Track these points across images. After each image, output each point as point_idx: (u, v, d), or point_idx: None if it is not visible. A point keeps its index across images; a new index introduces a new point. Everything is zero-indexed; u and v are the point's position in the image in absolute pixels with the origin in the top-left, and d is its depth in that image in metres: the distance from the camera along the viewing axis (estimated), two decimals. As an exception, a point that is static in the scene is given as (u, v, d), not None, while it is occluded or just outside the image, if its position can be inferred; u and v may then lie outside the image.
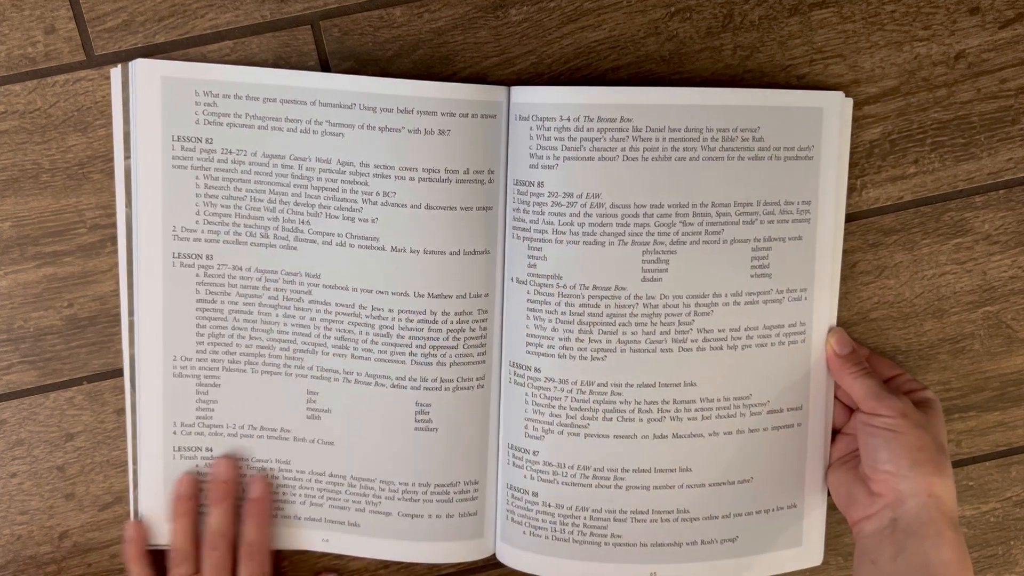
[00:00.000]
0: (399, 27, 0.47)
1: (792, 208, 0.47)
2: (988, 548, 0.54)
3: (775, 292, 0.47)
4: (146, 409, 0.48)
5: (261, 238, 0.47)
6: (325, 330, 0.47)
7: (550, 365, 0.47)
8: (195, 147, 0.46)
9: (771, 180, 0.47)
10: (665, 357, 0.47)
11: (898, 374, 0.50)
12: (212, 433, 0.49)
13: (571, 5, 0.47)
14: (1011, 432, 0.53)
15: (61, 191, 0.48)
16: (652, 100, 0.45)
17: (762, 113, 0.46)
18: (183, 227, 0.47)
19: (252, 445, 0.49)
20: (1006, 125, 0.50)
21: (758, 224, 0.47)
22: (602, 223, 0.45)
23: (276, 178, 0.46)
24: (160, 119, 0.46)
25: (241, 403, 0.48)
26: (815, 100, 0.47)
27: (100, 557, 0.51)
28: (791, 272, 0.48)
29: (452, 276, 0.46)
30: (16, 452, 0.50)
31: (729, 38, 0.48)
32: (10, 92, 0.47)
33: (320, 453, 0.49)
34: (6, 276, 0.49)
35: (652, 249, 0.46)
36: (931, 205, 0.50)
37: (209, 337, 0.48)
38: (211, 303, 0.47)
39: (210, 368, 0.48)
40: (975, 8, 0.48)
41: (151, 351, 0.48)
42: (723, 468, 0.49)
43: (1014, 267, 0.51)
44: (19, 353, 0.49)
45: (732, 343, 0.47)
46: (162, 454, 0.49)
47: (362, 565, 0.52)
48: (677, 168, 0.45)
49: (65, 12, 0.47)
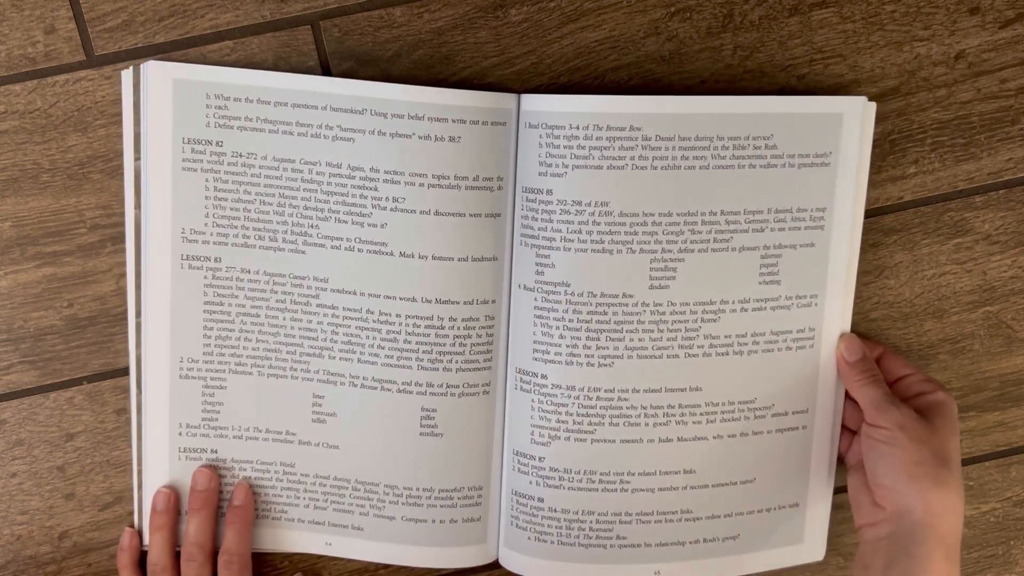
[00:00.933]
0: (399, 27, 0.47)
1: (805, 215, 0.47)
2: (988, 548, 0.54)
3: (784, 298, 0.47)
4: (152, 410, 0.48)
5: (270, 241, 0.47)
6: (332, 334, 0.47)
7: (557, 372, 0.47)
8: (205, 150, 0.46)
9: (784, 187, 0.46)
10: (672, 363, 0.47)
11: (909, 373, 0.49)
12: (217, 435, 0.49)
13: (571, 5, 0.47)
14: (1011, 432, 0.53)
15: (61, 191, 0.48)
16: (662, 109, 0.45)
17: (776, 120, 0.46)
18: (192, 229, 0.47)
19: (257, 447, 0.49)
20: (1006, 125, 0.50)
21: (768, 231, 0.47)
22: (610, 231, 0.45)
23: (286, 182, 0.46)
24: (171, 121, 0.46)
25: (247, 406, 0.48)
26: (834, 106, 0.46)
27: (100, 557, 0.51)
28: (802, 278, 0.47)
29: (459, 282, 0.46)
30: (16, 452, 0.50)
31: (729, 38, 0.48)
32: (10, 92, 0.47)
33: (325, 456, 0.49)
34: (6, 276, 0.49)
35: (660, 257, 0.46)
36: (931, 205, 0.50)
37: (216, 339, 0.48)
38: (219, 305, 0.47)
39: (216, 370, 0.48)
40: (975, 8, 0.48)
41: (158, 352, 0.48)
42: (727, 469, 0.49)
43: (1014, 267, 0.51)
44: (19, 353, 0.49)
45: (739, 348, 0.47)
46: (168, 455, 0.49)
47: (361, 565, 0.52)
48: (687, 176, 0.45)
49: (65, 12, 0.47)
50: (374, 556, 0.50)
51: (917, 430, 0.44)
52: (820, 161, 0.46)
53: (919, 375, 0.48)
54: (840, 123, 0.46)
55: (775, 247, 0.47)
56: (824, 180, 0.47)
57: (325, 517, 0.49)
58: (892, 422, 0.44)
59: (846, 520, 0.51)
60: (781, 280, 0.47)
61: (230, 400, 0.48)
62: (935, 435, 0.45)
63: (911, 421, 0.44)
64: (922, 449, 0.44)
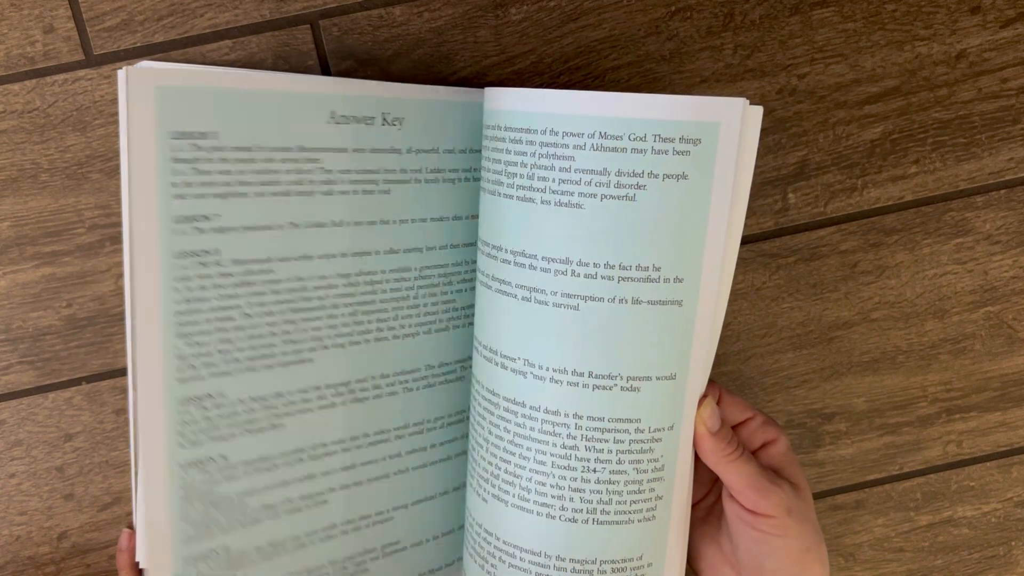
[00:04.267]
0: (399, 26, 0.47)
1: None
2: (989, 548, 0.54)
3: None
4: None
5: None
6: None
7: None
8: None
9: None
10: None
11: (749, 416, 0.42)
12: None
13: (571, 4, 0.47)
14: (1012, 432, 0.53)
15: (60, 191, 0.48)
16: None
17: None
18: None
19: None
20: (1007, 125, 0.50)
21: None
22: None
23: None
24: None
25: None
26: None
27: (99, 558, 0.51)
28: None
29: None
30: (15, 452, 0.50)
31: (730, 37, 0.48)
32: (9, 92, 0.47)
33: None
34: (4, 276, 0.48)
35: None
36: (932, 205, 0.50)
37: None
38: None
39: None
40: (976, 7, 0.48)
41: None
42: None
43: (1015, 267, 0.51)
44: (18, 353, 0.49)
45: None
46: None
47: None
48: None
49: (64, 11, 0.46)
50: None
51: (800, 508, 0.38)
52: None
53: (758, 416, 0.42)
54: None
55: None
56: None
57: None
58: (779, 508, 0.38)
59: (847, 521, 0.51)
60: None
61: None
62: (809, 503, 0.39)
63: (793, 499, 0.38)
64: (808, 529, 0.38)
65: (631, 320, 0.37)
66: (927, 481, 0.53)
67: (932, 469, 0.53)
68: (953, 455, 0.53)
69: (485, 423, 0.42)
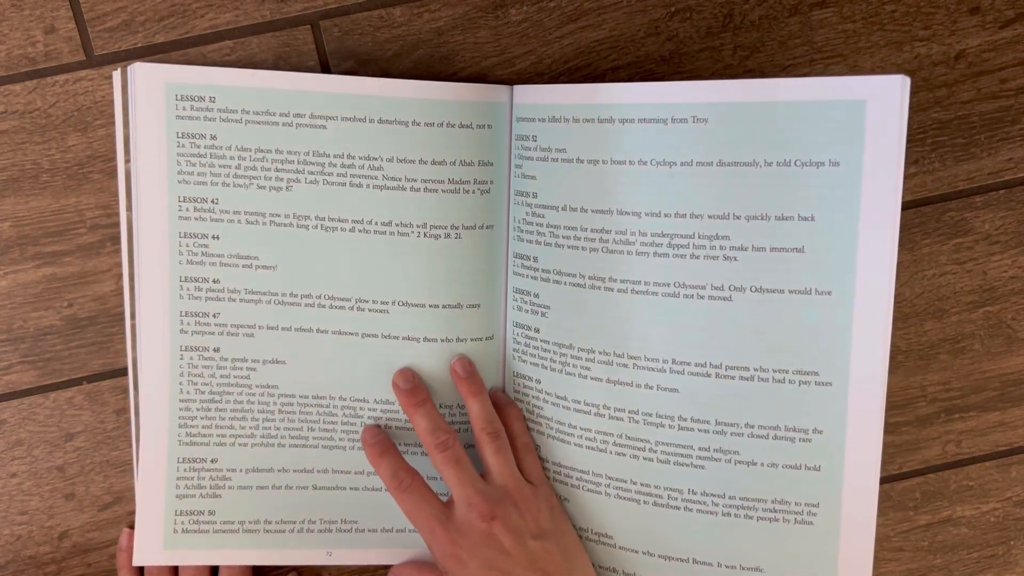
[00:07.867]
0: (399, 27, 0.47)
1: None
2: (988, 548, 0.54)
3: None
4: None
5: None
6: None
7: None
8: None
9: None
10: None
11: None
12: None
13: (571, 5, 0.47)
14: (1011, 432, 0.53)
15: (61, 191, 0.48)
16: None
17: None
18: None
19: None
20: (1006, 125, 0.50)
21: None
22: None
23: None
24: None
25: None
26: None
27: (100, 557, 0.51)
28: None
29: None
30: (16, 452, 0.50)
31: (729, 38, 0.48)
32: (10, 92, 0.47)
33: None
34: (6, 276, 0.49)
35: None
36: (931, 205, 0.50)
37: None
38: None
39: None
40: (975, 8, 0.48)
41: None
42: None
43: (1014, 267, 0.51)
44: (19, 353, 0.49)
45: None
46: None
47: (362, 566, 0.52)
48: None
49: (65, 12, 0.47)
50: (376, 560, 0.50)
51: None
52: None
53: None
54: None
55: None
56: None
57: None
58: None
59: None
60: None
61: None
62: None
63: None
64: None
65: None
66: (926, 481, 0.53)
67: (931, 469, 0.53)
68: (952, 455, 0.53)
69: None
